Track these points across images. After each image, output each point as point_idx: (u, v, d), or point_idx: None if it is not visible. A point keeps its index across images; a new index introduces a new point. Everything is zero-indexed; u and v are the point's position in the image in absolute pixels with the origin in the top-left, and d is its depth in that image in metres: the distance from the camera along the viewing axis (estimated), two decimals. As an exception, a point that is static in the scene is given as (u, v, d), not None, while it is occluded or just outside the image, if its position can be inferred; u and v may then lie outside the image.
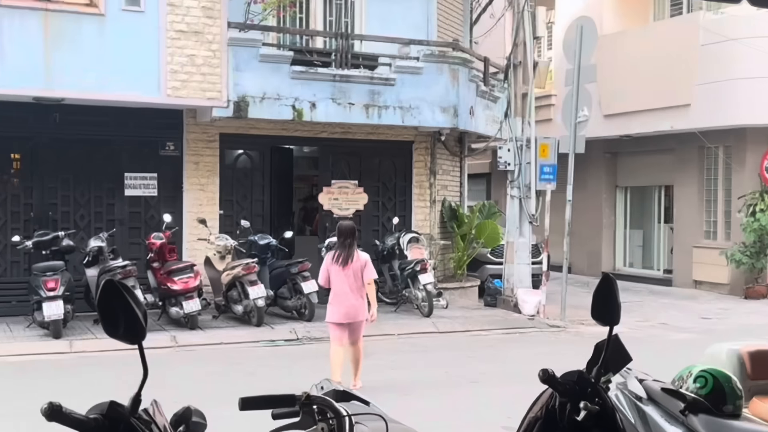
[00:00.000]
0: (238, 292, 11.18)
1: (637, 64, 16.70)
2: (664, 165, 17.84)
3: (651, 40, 16.53)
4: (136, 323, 2.00)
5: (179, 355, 9.68)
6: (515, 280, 13.23)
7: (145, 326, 2.04)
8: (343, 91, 12.24)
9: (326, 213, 13.51)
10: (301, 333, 10.76)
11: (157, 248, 11.25)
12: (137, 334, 2.02)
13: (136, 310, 2.00)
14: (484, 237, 14.24)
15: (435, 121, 12.93)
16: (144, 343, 2.06)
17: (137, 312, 2.00)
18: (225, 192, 12.86)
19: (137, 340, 2.03)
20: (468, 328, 11.66)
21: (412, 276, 12.30)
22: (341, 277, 7.62)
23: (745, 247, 15.36)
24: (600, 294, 2.59)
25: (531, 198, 13.15)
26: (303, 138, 13.51)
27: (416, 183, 14.18)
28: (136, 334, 2.01)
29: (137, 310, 2.00)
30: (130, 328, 2.00)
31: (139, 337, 2.02)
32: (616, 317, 2.57)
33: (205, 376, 8.67)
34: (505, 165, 13.23)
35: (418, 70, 12.69)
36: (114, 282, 1.99)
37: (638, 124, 16.99)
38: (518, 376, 8.92)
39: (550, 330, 11.87)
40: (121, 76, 10.82)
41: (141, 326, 2.02)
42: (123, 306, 1.98)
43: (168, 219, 11.69)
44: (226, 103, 11.47)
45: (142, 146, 12.36)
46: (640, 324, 12.54)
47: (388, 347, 10.30)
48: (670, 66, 15.87)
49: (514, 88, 13.40)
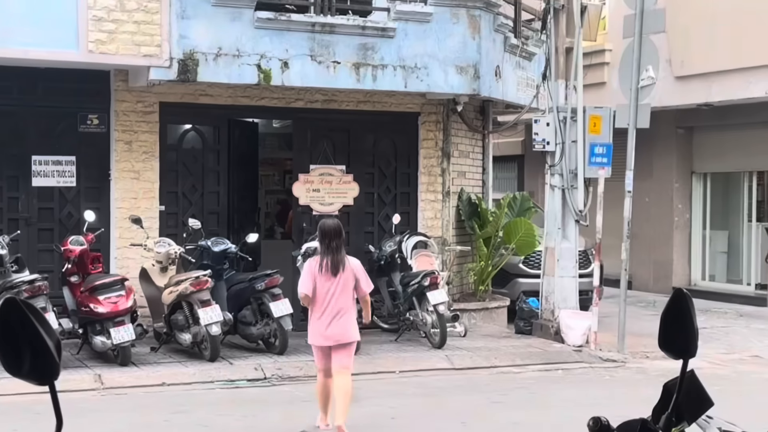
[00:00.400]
0: (185, 315, 11.19)
1: (720, 7, 16.72)
2: (756, 144, 17.87)
3: (739, -23, 16.57)
4: (46, 357, 2.00)
5: (106, 401, 9.66)
6: (557, 298, 13.27)
7: (58, 361, 2.04)
8: (326, 45, 12.25)
9: (303, 209, 13.53)
10: (270, 370, 10.76)
11: (77, 257, 11.25)
12: (48, 371, 2.01)
13: (46, 340, 2.00)
14: (515, 241, 14.28)
15: (449, 85, 12.94)
16: (57, 384, 2.06)
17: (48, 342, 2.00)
18: (167, 181, 12.86)
19: (48, 380, 2.03)
20: (494, 364, 11.68)
21: (419, 294, 12.32)
22: (328, 289, 7.84)
23: None
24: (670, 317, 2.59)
25: (578, 189, 13.17)
26: (272, 108, 13.52)
27: (424, 169, 14.21)
28: (46, 371, 2.01)
29: (48, 340, 2.00)
30: (38, 364, 2.00)
31: (51, 376, 2.02)
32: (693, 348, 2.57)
33: (142, 429, 8.65)
34: (542, 144, 13.25)
35: (426, 17, 12.70)
36: (17, 302, 1.99)
37: (721, 89, 17.02)
38: (562, 428, 8.96)
39: (603, 365, 11.90)
40: (26, 26, 10.78)
41: (53, 361, 2.02)
42: (29, 334, 1.98)
43: (91, 218, 11.66)
44: (167, 61, 11.47)
45: (56, 120, 12.35)
46: (724, 357, 12.56)
47: (387, 389, 10.32)
48: (764, 10, 15.89)
49: (554, 41, 13.42)
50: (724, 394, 9.29)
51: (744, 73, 16.46)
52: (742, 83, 16.57)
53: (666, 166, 19.43)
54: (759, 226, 18.33)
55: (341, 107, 13.63)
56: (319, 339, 7.97)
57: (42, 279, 10.53)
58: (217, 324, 10.96)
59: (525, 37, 14.79)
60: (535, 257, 14.84)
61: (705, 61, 17.04)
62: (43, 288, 10.38)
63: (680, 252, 19.43)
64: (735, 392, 10.05)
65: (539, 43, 14.73)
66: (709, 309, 17.05)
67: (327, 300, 7.85)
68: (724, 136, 18.71)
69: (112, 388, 10.04)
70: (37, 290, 10.28)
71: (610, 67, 18.69)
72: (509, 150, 23.21)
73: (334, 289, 7.82)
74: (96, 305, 10.69)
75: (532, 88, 14.88)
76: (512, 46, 14.22)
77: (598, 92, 18.49)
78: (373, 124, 13.99)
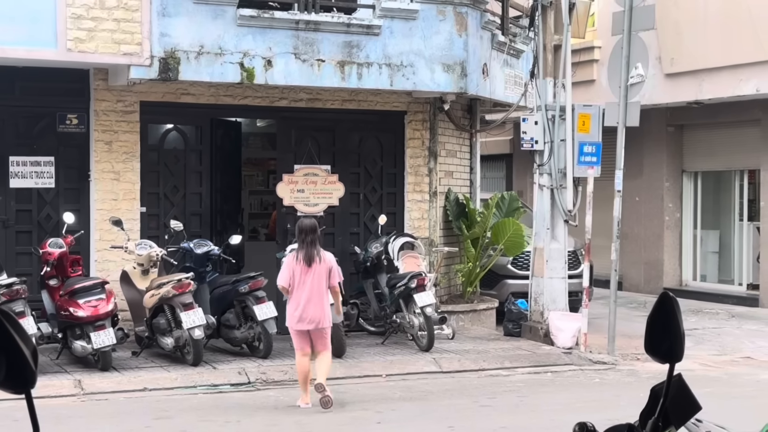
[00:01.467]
0: (167, 319, 11.17)
1: (710, 4, 16.79)
2: (747, 142, 17.95)
3: (729, -28, 16.63)
4: (22, 366, 2.00)
5: (86, 407, 9.62)
6: (546, 300, 13.29)
7: (35, 369, 2.03)
8: (310, 43, 12.24)
9: (287, 210, 13.52)
10: (254, 375, 10.75)
11: (56, 260, 11.21)
12: (24, 380, 2.01)
13: (22, 348, 1.99)
14: (503, 242, 14.29)
15: (435, 83, 12.95)
16: (35, 391, 2.05)
17: (24, 350, 2.00)
18: (148, 182, 12.83)
19: (24, 389, 2.02)
20: (482, 367, 11.69)
21: (406, 296, 12.32)
22: (304, 279, 9.15)
23: None
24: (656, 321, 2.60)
25: (567, 188, 13.20)
26: (255, 108, 13.50)
27: (410, 168, 14.22)
28: (21, 380, 2.00)
29: (24, 348, 1.99)
30: (13, 373, 1.99)
31: (27, 385, 2.02)
32: (679, 352, 2.58)
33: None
34: (531, 143, 13.28)
35: (412, 13, 12.71)
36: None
37: (712, 86, 17.09)
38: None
39: (593, 368, 11.93)
40: (2, 24, 10.74)
41: (29, 370, 2.01)
42: (4, 342, 1.98)
43: (70, 220, 11.63)
44: (148, 60, 11.44)
45: (34, 120, 12.31)
46: (715, 358, 12.61)
47: (373, 393, 10.32)
48: (756, 7, 15.97)
49: (542, 38, 13.44)
50: (716, 396, 9.34)
51: (734, 71, 16.53)
52: (733, 81, 16.64)
53: (656, 165, 19.50)
54: (750, 226, 18.41)
55: (326, 106, 13.62)
56: (297, 323, 9.19)
57: (20, 282, 10.49)
58: (200, 327, 10.94)
59: (513, 34, 14.82)
60: (523, 258, 14.87)
61: (695, 58, 17.10)
62: (21, 292, 10.35)
63: (671, 252, 19.50)
64: (726, 394, 10.10)
65: (527, 40, 14.76)
66: (701, 309, 17.12)
67: (303, 288, 9.12)
68: (714, 134, 18.79)
69: (93, 393, 10.01)
70: (15, 294, 10.25)
71: (599, 64, 18.75)
72: (497, 149, 23.25)
73: (310, 279, 9.11)
74: (76, 309, 10.65)
75: (520, 86, 14.91)
76: (500, 44, 14.24)
77: (587, 90, 18.54)
78: (358, 123, 13.99)
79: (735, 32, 16.31)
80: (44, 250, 11.30)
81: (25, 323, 10.03)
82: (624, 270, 18.45)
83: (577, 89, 15.21)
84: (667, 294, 2.59)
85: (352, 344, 12.20)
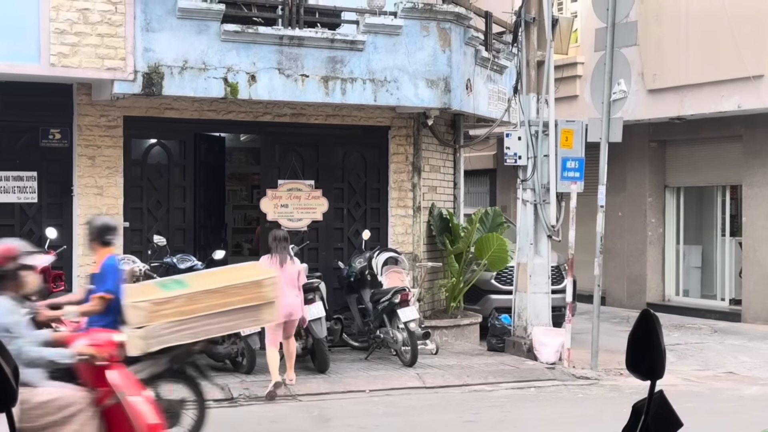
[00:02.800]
0: (149, 334, 11.13)
1: (692, 21, 16.90)
2: (729, 158, 18.05)
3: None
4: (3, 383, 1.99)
5: (68, 423, 9.58)
6: (529, 315, 13.31)
7: (16, 388, 2.03)
8: (294, 58, 12.26)
9: (271, 225, 13.50)
10: (238, 390, 10.72)
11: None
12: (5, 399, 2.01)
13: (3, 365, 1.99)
14: (486, 257, 14.31)
15: (419, 98, 12.98)
16: (15, 410, 2.05)
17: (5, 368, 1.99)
18: (131, 197, 12.80)
19: (5, 408, 2.02)
20: (466, 382, 11.69)
21: (389, 311, 12.32)
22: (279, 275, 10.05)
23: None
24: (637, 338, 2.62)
25: (550, 203, 13.24)
26: (239, 123, 13.49)
27: (394, 184, 14.23)
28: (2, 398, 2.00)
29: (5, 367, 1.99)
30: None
31: (8, 404, 2.01)
32: (660, 369, 2.59)
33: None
34: (514, 159, 13.32)
35: (396, 29, 12.75)
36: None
37: (694, 102, 17.19)
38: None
39: (576, 383, 11.94)
40: (-13, 39, 10.76)
41: (10, 389, 2.01)
42: (-16, 359, 1.98)
43: (53, 235, 11.60)
44: (132, 74, 11.44)
45: (17, 135, 12.27)
46: (698, 373, 12.64)
47: (357, 408, 10.30)
48: (738, 24, 16.08)
49: (526, 54, 13.50)
50: (699, 412, 9.37)
51: (716, 87, 16.63)
52: (715, 97, 16.74)
53: (639, 180, 19.58)
54: (732, 241, 18.50)
55: (310, 121, 13.63)
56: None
57: (2, 298, 10.44)
58: (182, 343, 10.89)
59: (496, 50, 14.88)
60: (507, 273, 14.89)
61: (677, 74, 17.21)
62: (3, 307, 10.30)
63: (654, 267, 19.56)
64: (709, 410, 10.13)
65: (510, 56, 14.81)
66: (683, 324, 17.18)
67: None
68: (697, 150, 18.89)
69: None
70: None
71: (582, 80, 18.84)
72: (481, 164, 23.30)
73: (283, 277, 10.22)
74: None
75: (504, 102, 14.97)
76: (483, 59, 14.29)
77: (570, 105, 18.62)
78: (342, 139, 14.01)
79: (717, 49, 16.42)
80: (26, 266, 11.23)
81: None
82: (607, 285, 18.49)
83: (560, 105, 15.28)
84: (648, 311, 2.61)
85: (335, 359, 12.18)
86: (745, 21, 15.98)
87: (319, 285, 11.89)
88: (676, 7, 17.12)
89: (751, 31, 15.91)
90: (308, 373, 11.58)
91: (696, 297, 19.21)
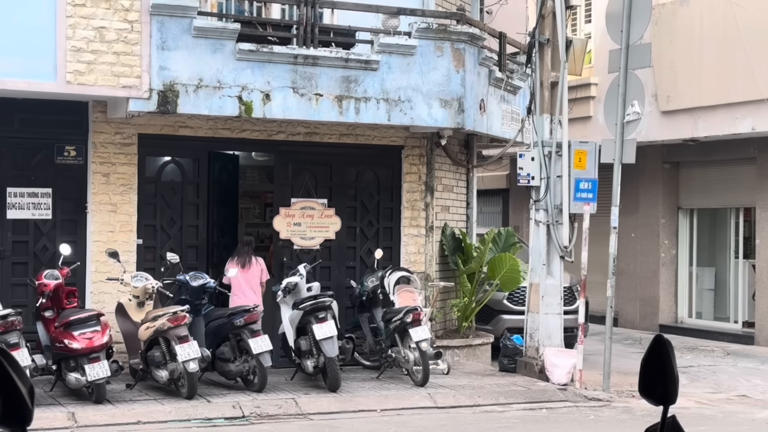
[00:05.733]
0: (161, 351, 11.13)
1: (706, 43, 16.90)
2: (742, 180, 18.00)
3: (725, 11, 16.76)
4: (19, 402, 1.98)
5: (79, 440, 9.59)
6: (541, 335, 13.27)
7: (31, 408, 2.01)
8: (308, 77, 12.30)
9: (284, 243, 13.52)
10: (249, 408, 10.71)
11: (51, 291, 11.18)
12: (21, 418, 2.00)
13: (19, 385, 1.98)
14: (499, 277, 14.29)
15: (432, 118, 13.00)
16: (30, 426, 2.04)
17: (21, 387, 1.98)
18: (145, 214, 12.84)
19: (20, 427, 2.01)
20: (477, 402, 11.66)
21: (401, 330, 12.30)
22: (242, 276, 12.29)
23: None
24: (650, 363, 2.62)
25: (563, 224, 13.22)
26: (253, 141, 13.54)
27: (407, 203, 14.24)
28: (18, 418, 2.00)
29: (21, 386, 1.98)
30: (10, 410, 1.97)
31: (23, 423, 2.00)
32: (673, 394, 2.59)
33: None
34: (527, 179, 13.31)
35: (410, 49, 12.78)
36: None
37: (708, 124, 17.17)
38: (545, 469, 8.95)
39: (588, 405, 11.89)
40: (2, 56, 10.80)
41: (26, 408, 1.99)
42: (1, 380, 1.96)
43: (66, 251, 11.61)
44: (147, 92, 11.49)
45: (32, 151, 12.33)
46: (711, 396, 12.58)
47: (368, 428, 10.28)
48: (752, 46, 16.07)
49: (539, 74, 13.52)
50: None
51: (730, 109, 16.61)
52: (729, 119, 16.72)
53: (652, 202, 19.54)
54: (746, 263, 18.42)
55: (323, 140, 13.66)
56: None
57: (15, 314, 10.46)
58: (194, 360, 10.90)
59: (510, 70, 14.89)
60: (519, 293, 14.85)
61: (691, 96, 17.19)
62: (16, 323, 10.31)
63: (667, 289, 19.49)
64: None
65: (524, 76, 14.82)
66: (696, 347, 17.10)
67: (242, 283, 12.47)
68: (710, 172, 18.85)
69: (86, 426, 9.96)
70: (11, 325, 10.22)
71: (596, 101, 18.83)
72: (494, 184, 23.30)
73: (245, 277, 12.29)
74: (70, 341, 10.62)
75: (517, 122, 14.97)
76: (497, 80, 14.31)
77: (583, 126, 18.62)
78: (355, 158, 14.03)
79: (731, 71, 16.41)
80: (40, 282, 11.28)
81: (19, 355, 10.01)
82: (619, 306, 18.44)
83: (573, 126, 15.27)
84: (660, 337, 2.61)
85: (347, 378, 12.17)
86: (760, 43, 15.97)
87: (331, 304, 11.88)
88: (691, 30, 17.13)
89: (765, 54, 15.89)
90: (319, 391, 11.57)
91: (709, 319, 19.13)
